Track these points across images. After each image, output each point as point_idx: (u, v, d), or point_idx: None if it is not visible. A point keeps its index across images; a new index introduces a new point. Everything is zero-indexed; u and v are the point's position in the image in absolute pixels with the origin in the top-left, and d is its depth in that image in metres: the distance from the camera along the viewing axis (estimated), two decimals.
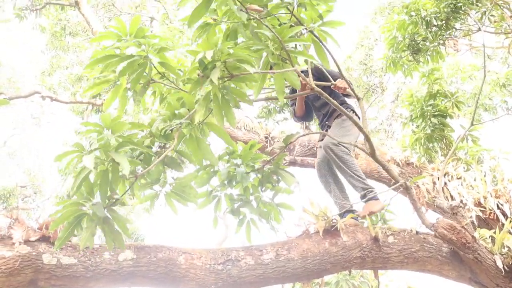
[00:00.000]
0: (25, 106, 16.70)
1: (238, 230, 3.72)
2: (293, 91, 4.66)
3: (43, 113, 17.06)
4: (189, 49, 2.76)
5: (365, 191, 4.12)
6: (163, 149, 3.13)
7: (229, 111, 2.73)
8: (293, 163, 6.73)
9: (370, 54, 13.22)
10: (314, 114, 5.01)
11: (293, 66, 2.79)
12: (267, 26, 2.80)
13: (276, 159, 3.80)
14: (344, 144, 4.24)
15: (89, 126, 2.82)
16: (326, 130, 4.68)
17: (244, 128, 7.80)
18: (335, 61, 3.35)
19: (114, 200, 2.87)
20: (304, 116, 4.96)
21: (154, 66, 2.96)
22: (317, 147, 4.33)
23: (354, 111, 4.59)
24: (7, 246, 3.02)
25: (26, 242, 3.08)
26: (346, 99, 4.72)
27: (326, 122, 4.75)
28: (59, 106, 14.87)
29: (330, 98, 3.18)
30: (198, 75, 2.69)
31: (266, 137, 7.72)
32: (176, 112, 3.17)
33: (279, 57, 2.84)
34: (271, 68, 3.02)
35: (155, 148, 3.12)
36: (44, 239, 3.15)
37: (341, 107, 3.43)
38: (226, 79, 2.65)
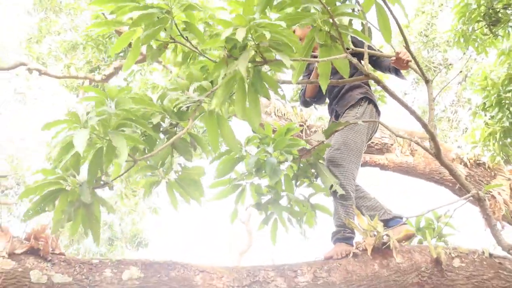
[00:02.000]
0: (7, 80, 16.95)
1: (262, 227, 3.73)
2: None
3: (30, 88, 17.29)
4: (219, 19, 2.72)
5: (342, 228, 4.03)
6: (175, 128, 3.13)
7: (255, 103, 2.71)
8: None
9: (433, 23, 12.98)
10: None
11: (344, 49, 2.75)
12: None
13: (317, 149, 3.78)
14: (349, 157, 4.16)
15: (90, 92, 2.83)
16: (335, 116, 4.56)
17: (275, 114, 7.79)
18: (400, 29, 3.29)
19: (102, 183, 2.90)
20: (315, 98, 4.80)
21: (176, 24, 2.95)
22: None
23: (370, 100, 4.45)
24: None
25: (11, 255, 3.12)
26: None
27: (335, 107, 4.59)
28: (49, 80, 15.02)
29: (393, 92, 3.13)
30: (225, 54, 2.68)
31: (301, 125, 7.70)
32: (197, 84, 3.15)
33: (327, 35, 2.80)
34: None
35: (164, 125, 3.12)
36: (33, 252, 3.18)
37: (406, 104, 3.36)
38: (257, 63, 2.62)
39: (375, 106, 4.44)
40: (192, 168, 3.18)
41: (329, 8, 2.73)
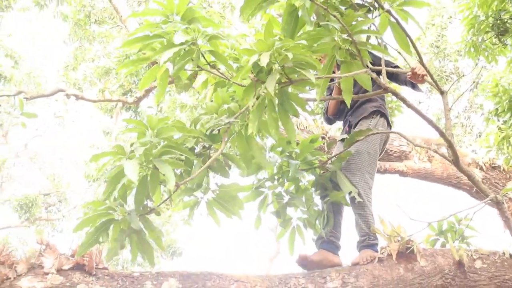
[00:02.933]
0: (47, 104, 17.20)
1: (281, 236, 3.70)
2: None
3: (67, 111, 17.52)
4: (243, 48, 2.73)
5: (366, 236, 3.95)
6: (208, 151, 3.14)
7: (287, 121, 2.71)
8: None
9: (443, 34, 12.88)
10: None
11: (364, 65, 2.74)
12: (334, 15, 2.75)
13: (336, 159, 3.77)
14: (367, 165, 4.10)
15: (131, 124, 2.85)
16: (348, 126, 4.51)
17: (297, 127, 7.77)
18: (414, 47, 3.27)
19: (149, 209, 2.91)
20: (337, 115, 4.71)
21: (202, 55, 2.96)
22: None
23: (382, 113, 4.38)
24: (38, 276, 3.10)
25: (59, 271, 3.15)
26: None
27: (349, 118, 4.50)
28: (85, 103, 15.22)
29: (411, 104, 3.10)
30: (252, 79, 2.69)
31: (322, 137, 7.66)
32: (225, 106, 3.16)
33: (347, 53, 2.79)
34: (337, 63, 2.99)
35: (198, 149, 3.13)
36: (79, 267, 3.21)
37: (423, 114, 3.32)
38: (283, 84, 2.62)
39: (387, 119, 4.40)
40: (229, 185, 3.17)
41: (347, 27, 2.73)
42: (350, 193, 3.78)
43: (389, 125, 4.42)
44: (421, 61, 3.45)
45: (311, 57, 2.61)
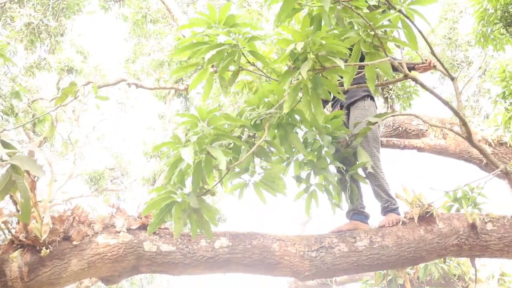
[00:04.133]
0: (111, 93, 17.43)
1: (298, 197, 3.62)
2: None
3: (128, 98, 17.71)
4: (280, 39, 2.72)
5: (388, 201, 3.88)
6: (253, 139, 3.15)
7: (318, 105, 2.69)
8: None
9: (454, 27, 12.54)
10: None
11: (386, 54, 2.69)
12: (358, 13, 2.71)
13: (357, 134, 3.71)
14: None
15: (184, 118, 2.88)
16: (340, 107, 4.37)
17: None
18: (426, 40, 3.20)
19: (204, 190, 2.93)
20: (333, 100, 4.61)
21: (244, 55, 2.96)
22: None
23: (371, 97, 4.30)
24: (111, 234, 3.19)
25: (128, 230, 3.23)
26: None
27: (341, 100, 4.39)
28: (142, 91, 15.38)
29: (429, 88, 3.05)
30: (289, 66, 2.67)
31: None
32: (266, 100, 3.17)
33: (371, 45, 2.75)
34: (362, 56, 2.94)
35: (244, 138, 3.14)
36: (144, 227, 3.28)
37: (440, 97, 3.26)
38: (317, 71, 2.59)
39: (374, 102, 4.37)
40: (273, 167, 3.16)
41: (370, 23, 2.68)
42: (365, 168, 3.74)
43: (376, 107, 4.38)
44: (432, 52, 3.38)
45: (342, 46, 2.57)
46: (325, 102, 4.70)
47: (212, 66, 3.17)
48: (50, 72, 13.21)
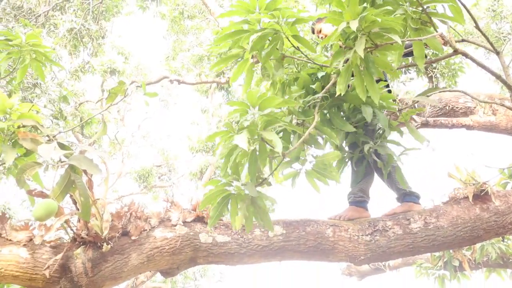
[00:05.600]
0: (154, 90, 17.72)
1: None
2: None
3: (170, 95, 17.95)
4: (330, 17, 2.65)
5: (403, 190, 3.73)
6: (302, 126, 3.13)
7: (372, 84, 2.64)
8: (425, 124, 6.44)
9: None
10: None
11: (436, 30, 2.63)
12: None
13: (404, 113, 3.63)
14: None
15: (235, 106, 2.83)
16: None
17: None
18: (470, 14, 3.11)
19: (261, 180, 2.92)
20: None
21: (288, 39, 2.90)
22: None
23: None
24: (168, 227, 3.26)
25: (184, 223, 3.30)
26: None
27: None
28: (184, 87, 15.57)
29: (481, 62, 2.96)
30: (340, 46, 2.64)
31: (393, 100, 7.46)
32: (311, 86, 3.15)
33: (418, 21, 2.69)
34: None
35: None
36: (199, 219, 3.34)
37: (492, 70, 3.16)
38: (369, 49, 2.55)
39: None
40: (326, 154, 3.06)
41: None
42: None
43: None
44: (477, 26, 3.27)
45: (395, 22, 2.51)
46: None
47: (252, 57, 3.17)
48: (94, 74, 13.53)
